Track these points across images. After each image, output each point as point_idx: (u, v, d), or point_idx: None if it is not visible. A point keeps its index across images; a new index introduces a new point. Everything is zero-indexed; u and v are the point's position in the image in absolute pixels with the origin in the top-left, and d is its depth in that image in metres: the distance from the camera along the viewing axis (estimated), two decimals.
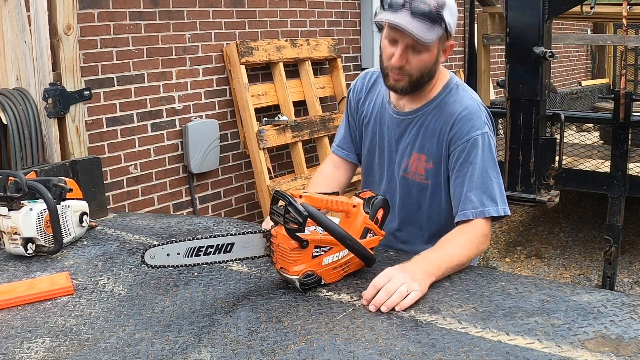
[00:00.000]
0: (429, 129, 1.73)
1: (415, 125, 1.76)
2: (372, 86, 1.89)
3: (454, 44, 1.69)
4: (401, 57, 1.61)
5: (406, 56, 1.61)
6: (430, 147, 1.73)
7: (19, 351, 1.26)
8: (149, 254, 1.41)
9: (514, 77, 2.97)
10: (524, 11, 2.91)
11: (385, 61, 1.66)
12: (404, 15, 1.55)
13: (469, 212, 1.64)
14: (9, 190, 1.81)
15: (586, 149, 4.15)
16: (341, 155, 1.98)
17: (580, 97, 6.68)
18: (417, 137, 1.75)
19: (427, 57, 1.62)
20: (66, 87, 2.44)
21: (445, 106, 1.72)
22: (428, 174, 1.75)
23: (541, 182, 3.01)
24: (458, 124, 1.68)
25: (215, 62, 4.18)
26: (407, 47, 1.60)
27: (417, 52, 1.60)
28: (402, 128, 1.78)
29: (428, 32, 1.55)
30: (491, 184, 1.66)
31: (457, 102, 1.71)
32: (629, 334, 1.20)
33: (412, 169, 1.77)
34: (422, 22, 1.55)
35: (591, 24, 7.75)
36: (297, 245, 1.43)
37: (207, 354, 1.21)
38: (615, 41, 5.93)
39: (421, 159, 1.75)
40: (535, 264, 4.51)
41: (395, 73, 1.65)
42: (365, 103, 1.89)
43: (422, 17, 1.54)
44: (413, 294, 1.37)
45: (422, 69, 1.64)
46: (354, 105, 1.93)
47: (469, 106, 1.70)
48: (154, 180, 3.90)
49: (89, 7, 3.45)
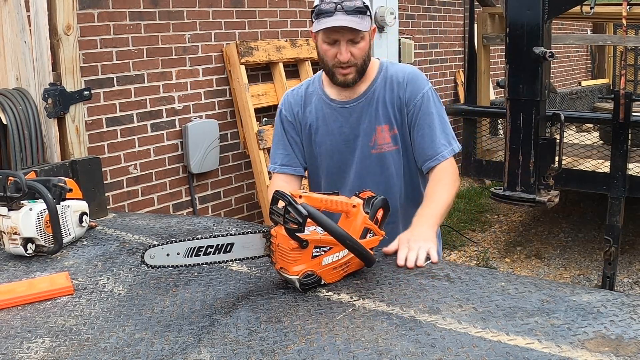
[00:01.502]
0: (384, 101, 1.92)
1: (370, 103, 1.92)
2: (306, 97, 2.02)
3: (375, 27, 1.93)
4: (346, 53, 1.81)
5: (349, 50, 1.82)
6: (390, 115, 1.92)
7: (19, 351, 1.26)
8: (148, 254, 1.41)
9: (514, 77, 2.97)
10: (524, 11, 2.91)
11: (329, 61, 1.85)
12: (340, 15, 1.76)
13: (445, 153, 1.89)
14: (9, 190, 1.81)
15: (586, 149, 4.15)
16: (290, 172, 2.03)
17: (580, 97, 6.68)
18: (376, 112, 1.92)
19: (364, 44, 1.84)
20: (66, 87, 2.44)
21: (391, 77, 1.93)
22: (396, 139, 1.93)
23: (541, 182, 3.01)
24: (409, 85, 1.91)
25: (215, 62, 4.18)
26: (347, 43, 1.80)
27: (356, 43, 1.81)
28: (357, 112, 1.93)
29: (363, 22, 1.77)
30: (449, 127, 1.95)
31: (400, 70, 1.96)
32: (629, 334, 1.20)
33: (379, 142, 1.93)
34: (355, 16, 1.76)
35: (591, 24, 7.75)
36: (297, 245, 1.43)
37: (207, 354, 1.21)
38: (615, 41, 5.92)
39: (385, 129, 1.92)
40: (535, 264, 4.51)
41: (343, 68, 1.84)
42: (306, 114, 2.00)
43: (354, 13, 1.76)
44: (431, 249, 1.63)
45: (363, 55, 1.85)
46: (292, 121, 2.03)
47: (411, 70, 1.97)
48: (153, 181, 3.90)
49: (89, 7, 3.45)
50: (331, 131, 1.97)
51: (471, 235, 5.11)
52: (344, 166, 1.97)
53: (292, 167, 2.04)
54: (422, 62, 6.17)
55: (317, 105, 1.99)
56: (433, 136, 1.90)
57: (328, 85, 1.98)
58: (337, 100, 1.96)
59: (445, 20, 6.48)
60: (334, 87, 1.95)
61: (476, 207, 5.77)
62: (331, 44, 1.82)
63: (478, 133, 4.55)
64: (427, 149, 1.90)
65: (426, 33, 6.24)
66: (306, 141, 2.03)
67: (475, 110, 4.57)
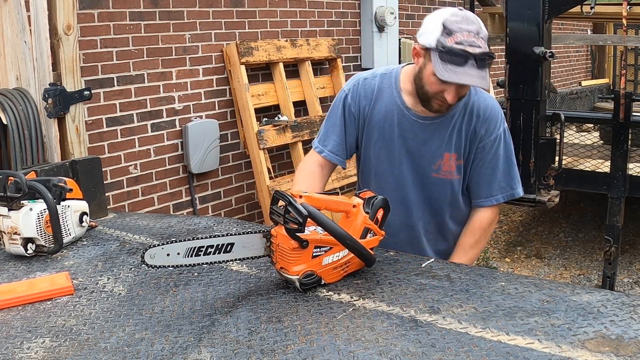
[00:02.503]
0: (459, 130, 1.86)
1: (445, 127, 1.86)
2: (379, 92, 1.91)
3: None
4: (455, 97, 1.73)
5: (458, 94, 1.74)
6: (460, 145, 1.88)
7: (19, 351, 1.26)
8: (149, 254, 1.41)
9: (514, 77, 2.97)
10: (524, 11, 2.91)
11: (431, 91, 1.75)
12: (470, 70, 1.64)
13: (493, 202, 1.92)
14: (9, 190, 1.81)
15: (586, 149, 4.15)
16: (331, 159, 1.98)
17: (580, 97, 6.68)
18: (449, 138, 1.86)
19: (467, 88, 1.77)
20: (66, 87, 2.44)
21: (472, 107, 1.87)
22: (460, 170, 1.91)
23: (541, 182, 3.01)
24: (486, 121, 1.86)
25: (215, 62, 4.18)
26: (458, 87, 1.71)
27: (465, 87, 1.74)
28: (429, 131, 1.87)
29: (485, 76, 1.66)
30: (515, 170, 1.94)
31: (482, 101, 1.88)
32: (629, 334, 1.20)
33: (444, 169, 1.89)
34: (482, 70, 1.65)
35: (591, 24, 7.75)
36: (297, 245, 1.43)
37: (207, 354, 1.21)
38: (615, 41, 5.92)
39: (452, 157, 1.88)
40: (535, 264, 4.51)
41: (447, 106, 1.78)
42: (375, 111, 1.91)
43: (483, 66, 1.65)
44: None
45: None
46: (355, 111, 1.94)
47: (492, 105, 1.90)
48: (154, 181, 3.90)
49: (89, 7, 3.45)
50: (394, 137, 1.89)
51: None
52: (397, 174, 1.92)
53: (338, 157, 1.97)
54: None
55: (388, 106, 1.89)
56: (494, 176, 1.90)
57: (407, 92, 1.88)
58: (412, 110, 1.87)
59: None
60: (414, 96, 1.85)
61: None
62: (444, 85, 1.71)
63: None
64: (484, 187, 1.91)
65: None
66: (366, 138, 1.95)
67: None
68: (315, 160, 2.01)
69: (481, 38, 1.66)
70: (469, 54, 1.62)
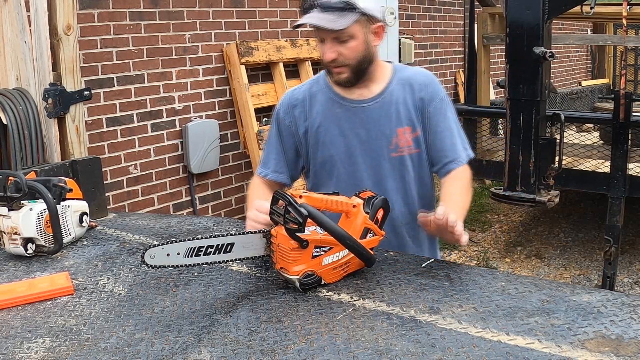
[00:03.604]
0: (404, 102, 1.84)
1: (388, 104, 1.84)
2: (311, 97, 1.89)
3: (382, 25, 1.78)
4: (331, 51, 1.72)
5: (335, 49, 1.72)
6: (411, 117, 1.85)
7: (19, 351, 1.26)
8: (149, 254, 1.41)
9: (514, 77, 2.97)
10: (524, 11, 2.91)
11: (323, 60, 1.77)
12: (314, 13, 1.68)
13: (462, 159, 1.87)
14: (9, 190, 1.81)
15: (586, 149, 4.15)
16: (279, 180, 1.94)
17: (580, 97, 6.68)
18: (396, 113, 1.84)
19: (355, 43, 1.72)
20: (66, 87, 2.44)
21: (408, 79, 1.87)
22: (417, 142, 1.86)
23: (541, 182, 3.01)
24: (429, 86, 1.86)
25: (215, 62, 4.18)
26: (333, 41, 1.71)
27: (343, 42, 1.71)
28: (375, 113, 1.84)
29: (338, 20, 1.66)
30: (463, 132, 1.92)
31: (417, 72, 1.91)
32: (629, 334, 1.20)
33: (401, 144, 1.85)
34: (331, 14, 1.66)
35: (591, 24, 7.75)
36: (297, 246, 1.43)
37: (207, 354, 1.21)
38: (615, 41, 5.92)
39: (407, 131, 1.85)
40: (535, 264, 4.50)
41: (334, 67, 1.76)
42: (313, 114, 1.88)
43: (330, 10, 1.66)
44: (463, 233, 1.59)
45: (356, 56, 1.74)
46: (290, 123, 1.90)
47: (424, 72, 1.92)
48: (154, 181, 3.90)
49: (89, 7, 3.45)
50: (343, 132, 1.85)
51: (471, 235, 5.11)
52: (358, 171, 1.86)
53: (283, 175, 1.94)
54: (422, 62, 6.17)
55: (325, 105, 1.87)
56: (453, 139, 1.86)
57: (336, 84, 1.87)
58: (349, 98, 1.85)
59: (445, 20, 6.48)
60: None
61: (476, 207, 5.77)
62: (321, 42, 1.74)
63: (478, 133, 4.55)
64: (448, 151, 1.86)
65: (426, 33, 6.24)
66: (312, 146, 1.90)
67: (475, 110, 4.57)
68: (259, 182, 1.97)
69: None
70: (311, 3, 1.68)
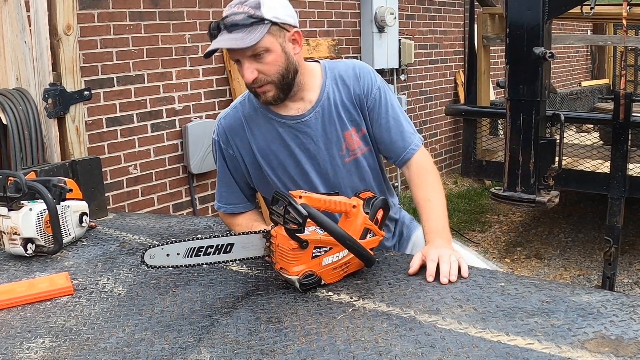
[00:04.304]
0: (342, 103, 1.76)
1: (328, 110, 1.75)
2: (247, 120, 1.79)
3: (298, 31, 1.67)
4: (249, 71, 1.60)
5: (254, 67, 1.60)
6: (352, 116, 1.77)
7: (19, 351, 1.26)
8: (148, 254, 1.41)
9: (514, 77, 2.97)
10: (524, 11, 2.91)
11: (246, 83, 1.65)
12: (222, 36, 1.57)
13: (416, 146, 1.79)
14: (9, 190, 1.81)
15: (586, 149, 4.15)
16: (238, 211, 1.89)
17: (580, 97, 6.68)
18: (338, 117, 1.75)
19: (272, 56, 1.60)
20: (66, 87, 2.44)
21: (340, 76, 1.77)
22: (365, 140, 1.80)
23: (541, 182, 3.00)
24: (362, 79, 1.77)
25: (215, 62, 4.18)
26: (249, 59, 1.59)
27: (260, 58, 1.60)
28: (317, 123, 1.74)
29: (247, 37, 1.55)
30: (406, 116, 1.84)
31: (345, 66, 1.80)
32: (629, 335, 1.20)
33: (352, 147, 1.77)
34: (238, 32, 1.55)
35: (591, 24, 7.75)
36: (296, 246, 1.43)
37: (207, 354, 1.21)
38: (615, 42, 5.92)
39: (352, 132, 1.77)
40: (535, 264, 4.50)
41: (258, 87, 1.64)
42: (255, 138, 1.78)
43: (237, 28, 1.55)
44: (461, 260, 1.54)
45: (277, 70, 1.63)
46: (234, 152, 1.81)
47: (358, 63, 1.82)
48: (153, 181, 3.90)
49: (89, 7, 3.45)
50: (291, 152, 1.75)
51: (471, 235, 5.11)
52: (315, 188, 1.76)
53: (239, 205, 1.88)
54: (422, 62, 6.18)
55: (266, 127, 1.76)
56: (400, 127, 1.78)
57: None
58: (288, 115, 1.73)
59: (445, 21, 6.48)
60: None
61: (476, 207, 5.77)
62: (238, 64, 1.63)
63: (478, 133, 4.55)
64: (399, 141, 1.78)
65: (426, 33, 6.24)
66: (256, 170, 1.80)
67: (475, 111, 4.57)
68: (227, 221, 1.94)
69: (244, 4, 1.58)
70: (216, 26, 1.59)
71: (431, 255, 1.53)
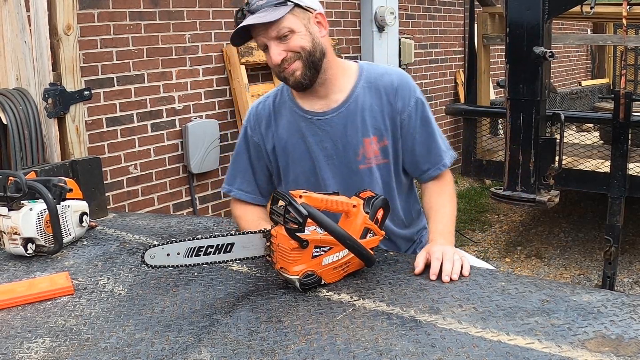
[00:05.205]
0: (371, 109, 1.74)
1: (353, 113, 1.73)
2: (275, 111, 1.81)
3: (322, 14, 1.68)
4: (277, 53, 1.62)
5: (280, 49, 1.62)
6: (378, 125, 1.74)
7: (19, 351, 1.26)
8: (149, 254, 1.41)
9: (514, 77, 2.96)
10: (524, 11, 2.91)
11: (274, 68, 1.67)
12: (247, 19, 1.60)
13: (447, 161, 1.80)
14: (9, 190, 1.81)
15: (586, 149, 4.14)
16: (248, 200, 1.88)
17: (580, 97, 6.68)
18: (362, 122, 1.74)
19: (298, 36, 1.62)
20: (66, 87, 2.44)
21: (375, 81, 1.75)
22: (385, 152, 1.77)
23: (541, 182, 3.00)
24: (400, 89, 1.74)
25: (215, 62, 4.18)
26: (275, 41, 1.61)
27: (286, 39, 1.61)
28: (340, 124, 1.74)
29: (271, 14, 1.57)
30: (442, 135, 1.84)
31: (385, 72, 1.77)
32: (629, 334, 1.20)
33: (369, 156, 1.76)
34: (262, 12, 1.58)
35: (591, 24, 7.75)
36: (297, 245, 1.43)
37: (207, 354, 1.21)
38: (615, 41, 5.92)
39: (373, 141, 1.75)
40: (535, 264, 4.50)
41: (286, 67, 1.64)
42: (279, 130, 1.79)
43: (261, 9, 1.58)
44: (464, 259, 1.54)
45: (303, 46, 1.63)
46: (259, 141, 1.83)
47: (399, 72, 1.79)
48: (154, 181, 3.90)
49: (89, 7, 3.45)
50: (309, 147, 1.76)
51: (471, 235, 5.11)
52: (325, 187, 1.76)
53: (250, 195, 1.88)
54: (422, 62, 6.17)
55: (289, 120, 1.78)
56: (434, 143, 1.79)
57: (298, 94, 1.77)
58: (312, 111, 1.75)
59: (445, 20, 6.48)
60: (305, 96, 1.75)
61: (476, 207, 5.77)
62: (265, 49, 1.65)
63: (478, 133, 4.55)
64: (430, 156, 1.79)
65: (426, 33, 6.24)
66: (282, 162, 1.82)
67: (475, 110, 4.57)
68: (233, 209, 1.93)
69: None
70: (243, 9, 1.61)
71: (435, 253, 1.54)
